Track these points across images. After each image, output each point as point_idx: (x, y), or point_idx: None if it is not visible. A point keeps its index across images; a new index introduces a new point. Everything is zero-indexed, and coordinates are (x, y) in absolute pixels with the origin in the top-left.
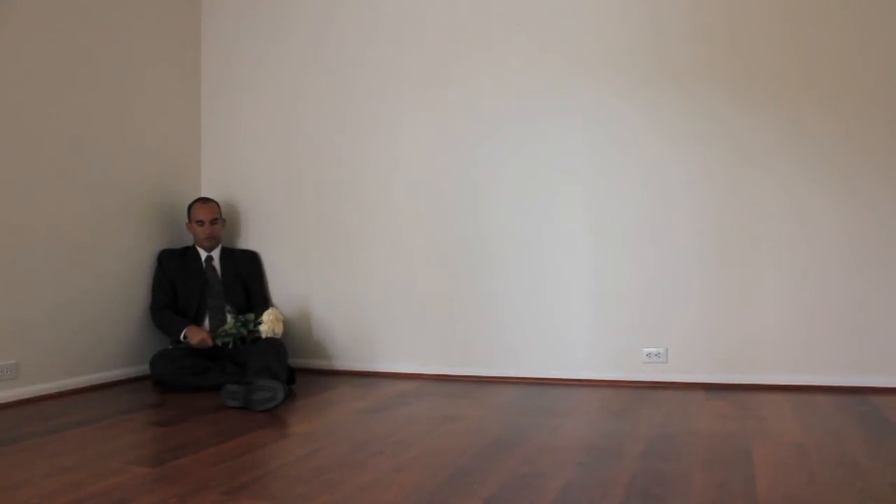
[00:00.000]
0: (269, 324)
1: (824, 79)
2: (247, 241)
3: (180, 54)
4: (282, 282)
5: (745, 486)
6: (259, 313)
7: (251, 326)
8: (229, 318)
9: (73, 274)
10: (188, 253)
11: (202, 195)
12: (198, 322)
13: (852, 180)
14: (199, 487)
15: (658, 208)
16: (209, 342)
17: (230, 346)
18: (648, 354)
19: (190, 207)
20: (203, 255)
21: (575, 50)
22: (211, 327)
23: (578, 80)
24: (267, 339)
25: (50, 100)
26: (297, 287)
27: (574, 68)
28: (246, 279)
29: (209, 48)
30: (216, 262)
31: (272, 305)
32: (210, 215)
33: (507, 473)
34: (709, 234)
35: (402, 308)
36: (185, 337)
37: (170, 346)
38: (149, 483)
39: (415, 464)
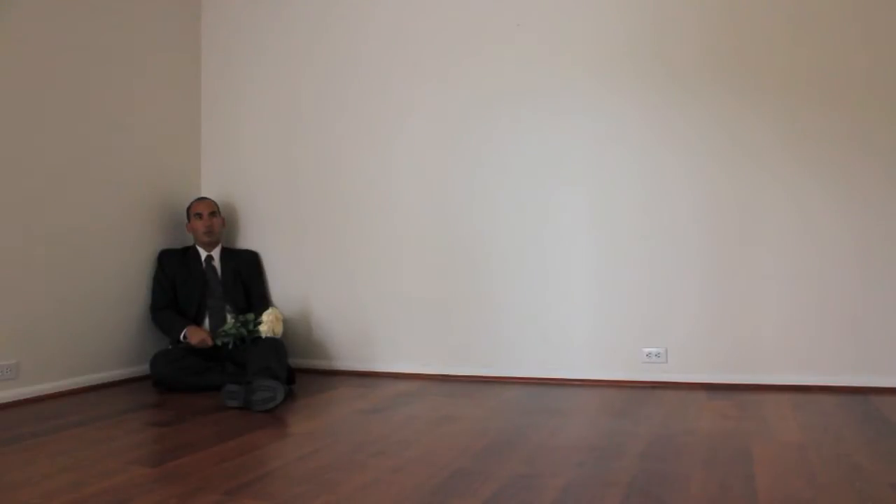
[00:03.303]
0: (269, 324)
1: (825, 77)
2: (246, 241)
3: (180, 54)
4: (282, 282)
5: (745, 486)
6: (259, 313)
7: (251, 326)
8: (229, 318)
9: (73, 274)
10: (188, 253)
11: (202, 195)
12: (198, 322)
13: (853, 179)
14: (199, 487)
15: (658, 208)
16: (209, 342)
17: (230, 346)
18: (648, 354)
19: (189, 207)
20: (203, 254)
21: (575, 49)
22: (211, 327)
23: (579, 80)
24: (267, 339)
25: (49, 100)
26: (297, 287)
27: (574, 68)
28: (246, 279)
29: (209, 48)
30: (216, 262)
31: (272, 305)
32: (208, 208)
33: (507, 474)
34: (709, 234)
35: (403, 308)
36: (185, 337)
37: (170, 346)
38: (149, 483)
39: (415, 464)
